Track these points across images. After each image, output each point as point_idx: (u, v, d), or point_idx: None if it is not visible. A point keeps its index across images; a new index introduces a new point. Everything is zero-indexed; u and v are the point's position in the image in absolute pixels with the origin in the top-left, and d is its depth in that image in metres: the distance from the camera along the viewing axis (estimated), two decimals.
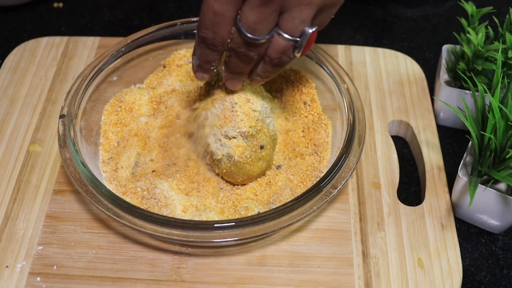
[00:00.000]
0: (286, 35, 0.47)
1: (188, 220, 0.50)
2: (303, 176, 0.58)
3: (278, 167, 0.58)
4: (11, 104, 0.68)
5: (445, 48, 0.69)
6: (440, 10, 0.85)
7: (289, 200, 0.52)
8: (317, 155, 0.60)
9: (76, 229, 0.56)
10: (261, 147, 0.55)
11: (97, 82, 0.61)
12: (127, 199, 0.54)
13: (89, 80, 0.60)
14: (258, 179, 0.58)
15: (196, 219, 0.53)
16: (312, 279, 0.53)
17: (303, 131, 0.62)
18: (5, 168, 0.61)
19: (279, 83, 0.64)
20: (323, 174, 0.53)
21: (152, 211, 0.52)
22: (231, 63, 0.50)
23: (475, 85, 0.63)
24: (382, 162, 0.62)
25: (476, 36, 0.61)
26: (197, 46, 0.50)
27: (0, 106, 0.67)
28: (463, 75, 0.60)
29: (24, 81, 0.70)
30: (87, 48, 0.74)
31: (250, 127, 0.53)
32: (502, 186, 0.56)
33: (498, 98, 0.54)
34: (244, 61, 0.50)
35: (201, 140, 0.57)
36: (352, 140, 0.55)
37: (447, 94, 0.65)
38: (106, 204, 0.50)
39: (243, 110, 0.53)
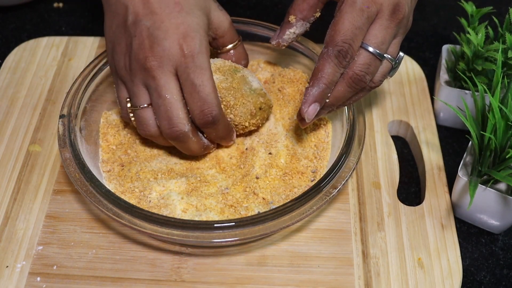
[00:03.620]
0: (390, 57, 0.52)
1: (188, 220, 0.50)
2: (303, 176, 0.58)
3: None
4: (11, 104, 0.68)
5: (445, 48, 0.69)
6: (440, 10, 0.85)
7: (288, 200, 0.52)
8: (317, 155, 0.60)
9: (76, 229, 0.56)
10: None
11: (97, 82, 0.61)
12: (127, 199, 0.54)
13: (89, 80, 0.60)
14: (258, 179, 0.57)
15: (196, 219, 0.53)
16: (312, 279, 0.53)
17: (303, 131, 0.62)
18: (5, 168, 0.61)
19: (279, 83, 0.64)
20: (323, 174, 0.53)
21: (152, 211, 0.52)
22: (337, 92, 0.52)
23: (475, 85, 0.63)
24: (382, 162, 0.62)
25: (476, 36, 0.61)
26: (327, 64, 0.50)
27: (0, 106, 0.67)
28: (463, 75, 0.60)
29: (24, 81, 0.70)
30: (87, 48, 0.74)
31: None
32: (502, 186, 0.56)
33: (498, 98, 0.54)
34: (354, 87, 0.52)
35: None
36: (352, 140, 0.55)
37: (447, 94, 0.65)
38: (106, 204, 0.50)
39: None
